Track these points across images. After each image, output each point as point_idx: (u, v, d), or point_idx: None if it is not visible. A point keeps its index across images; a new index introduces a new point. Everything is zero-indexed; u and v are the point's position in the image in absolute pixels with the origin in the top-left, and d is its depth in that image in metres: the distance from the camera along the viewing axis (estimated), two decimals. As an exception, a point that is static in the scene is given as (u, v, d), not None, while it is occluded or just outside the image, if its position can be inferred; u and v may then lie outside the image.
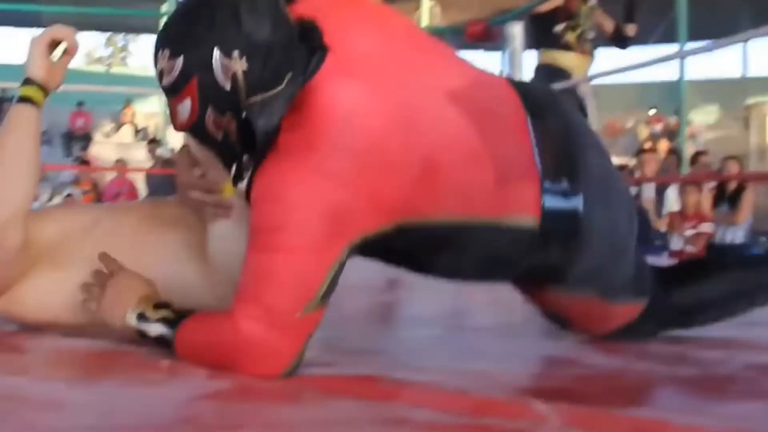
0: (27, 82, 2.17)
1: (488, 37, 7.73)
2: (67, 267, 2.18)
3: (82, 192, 13.33)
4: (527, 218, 2.05)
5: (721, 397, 1.80)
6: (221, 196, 2.18)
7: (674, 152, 12.51)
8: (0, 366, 1.86)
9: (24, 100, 2.16)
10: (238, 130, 1.90)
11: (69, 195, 13.11)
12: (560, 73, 6.61)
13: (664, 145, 16.98)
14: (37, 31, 2.23)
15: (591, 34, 6.67)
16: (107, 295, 2.04)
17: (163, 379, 1.77)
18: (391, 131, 1.90)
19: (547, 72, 6.78)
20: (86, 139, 18.83)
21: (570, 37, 6.65)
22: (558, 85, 6.43)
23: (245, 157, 1.98)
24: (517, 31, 7.63)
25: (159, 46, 1.90)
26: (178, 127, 1.95)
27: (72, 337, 2.14)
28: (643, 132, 19.96)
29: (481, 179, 2.00)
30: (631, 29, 6.76)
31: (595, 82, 6.85)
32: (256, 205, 1.90)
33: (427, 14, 19.62)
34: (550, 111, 2.18)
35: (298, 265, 1.85)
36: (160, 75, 1.90)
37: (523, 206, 2.04)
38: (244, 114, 1.86)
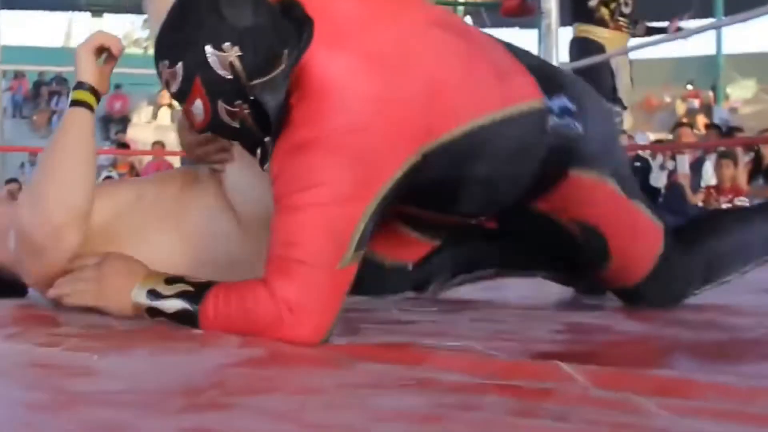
0: (79, 86, 2.21)
1: (523, 11, 7.72)
2: (119, 244, 2.21)
3: (119, 175, 13.42)
4: (533, 102, 2.20)
5: (746, 359, 1.81)
6: (219, 142, 2.27)
7: (715, 127, 12.42)
8: (35, 337, 1.88)
9: (78, 103, 2.19)
10: (252, 113, 1.96)
11: (107, 178, 13.19)
12: (593, 48, 6.59)
13: (701, 120, 16.88)
14: (75, 15, 2.27)
15: (627, 9, 6.64)
16: (103, 282, 2.05)
17: (195, 348, 1.79)
18: (389, 76, 1.99)
19: (580, 46, 6.76)
20: (124, 121, 18.94)
21: (604, 12, 6.63)
22: (590, 60, 6.42)
23: (267, 140, 2.04)
24: (552, 6, 7.61)
25: (158, 59, 1.99)
26: (197, 129, 2.04)
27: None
28: (681, 107, 19.83)
29: (481, 81, 2.14)
30: (641, 30, 6.82)
31: (631, 56, 6.82)
32: (278, 177, 1.95)
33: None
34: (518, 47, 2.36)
35: (329, 217, 1.90)
36: (167, 85, 1.98)
37: (525, 93, 2.20)
38: (251, 97, 1.92)
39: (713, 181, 9.42)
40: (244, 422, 1.25)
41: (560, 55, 7.76)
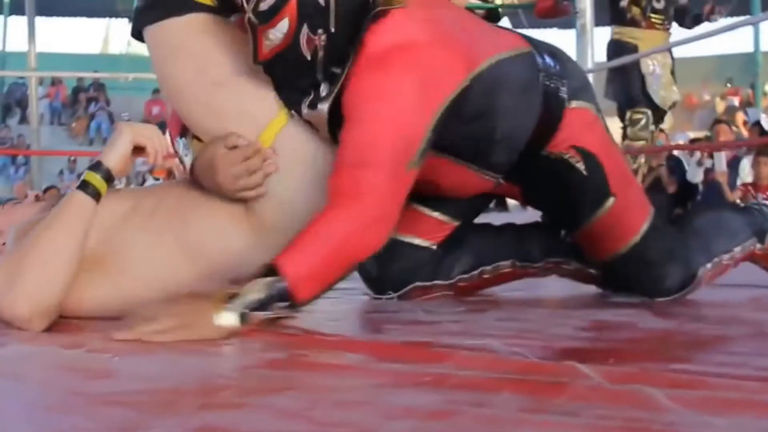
0: (97, 167, 2.19)
1: (557, 12, 7.71)
2: (117, 259, 2.19)
3: (156, 180, 13.44)
4: (524, 48, 2.46)
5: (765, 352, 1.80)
6: (262, 152, 2.24)
7: (756, 125, 12.31)
8: (59, 339, 1.91)
9: (86, 185, 2.16)
10: (326, 47, 2.12)
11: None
12: (626, 50, 6.58)
13: (741, 118, 16.77)
14: (112, 21, 2.28)
15: (659, 5, 6.59)
16: (183, 318, 1.93)
17: (216, 352, 1.81)
18: (436, 15, 2.28)
19: (614, 48, 6.75)
20: (162, 126, 19.03)
21: (635, 11, 6.61)
22: (621, 60, 6.41)
23: (323, 86, 2.20)
24: (586, 6, 7.59)
25: None
26: (264, 55, 2.15)
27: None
28: (720, 105, 19.71)
29: (487, 32, 2.46)
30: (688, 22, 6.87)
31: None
32: (350, 96, 2.14)
33: (499, -7, 19.62)
34: None
35: (398, 124, 2.10)
36: (256, 3, 2.09)
37: (518, 42, 2.48)
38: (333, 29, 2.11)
39: (749, 178, 9.36)
40: (254, 421, 1.26)
41: (595, 55, 7.75)
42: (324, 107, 2.19)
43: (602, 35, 7.07)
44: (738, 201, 9.06)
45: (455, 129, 2.28)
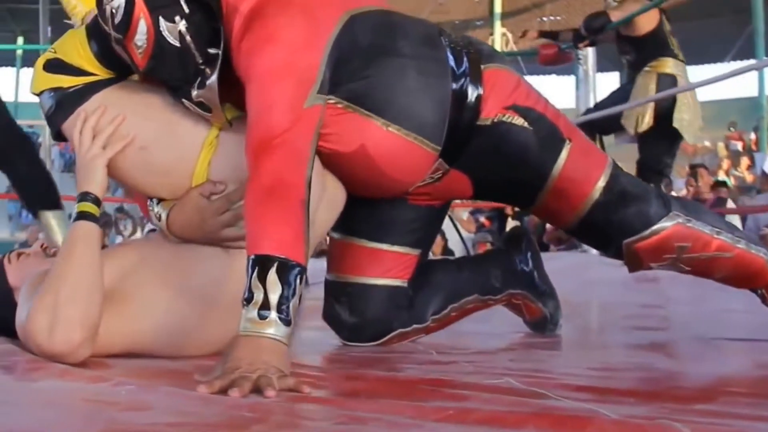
0: (85, 197, 2.23)
1: (560, 59, 7.77)
2: (127, 305, 2.21)
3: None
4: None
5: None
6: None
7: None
8: (88, 376, 1.93)
9: (84, 215, 2.20)
10: (190, 28, 2.16)
11: (152, 230, 13.12)
12: None
13: (744, 163, 16.71)
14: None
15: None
16: (257, 369, 1.77)
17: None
18: None
19: None
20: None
21: None
22: (616, 109, 6.38)
23: (207, 69, 2.19)
24: (589, 52, 7.65)
25: (98, 3, 2.17)
26: (141, 63, 2.17)
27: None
28: (723, 150, 19.62)
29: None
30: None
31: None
32: (243, 62, 2.14)
33: (499, 40, 19.76)
34: None
35: (292, 62, 2.12)
36: (111, 20, 2.14)
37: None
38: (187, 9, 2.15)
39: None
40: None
41: (598, 100, 7.78)
42: (212, 81, 2.18)
43: (604, 81, 7.10)
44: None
45: (355, 71, 2.26)
